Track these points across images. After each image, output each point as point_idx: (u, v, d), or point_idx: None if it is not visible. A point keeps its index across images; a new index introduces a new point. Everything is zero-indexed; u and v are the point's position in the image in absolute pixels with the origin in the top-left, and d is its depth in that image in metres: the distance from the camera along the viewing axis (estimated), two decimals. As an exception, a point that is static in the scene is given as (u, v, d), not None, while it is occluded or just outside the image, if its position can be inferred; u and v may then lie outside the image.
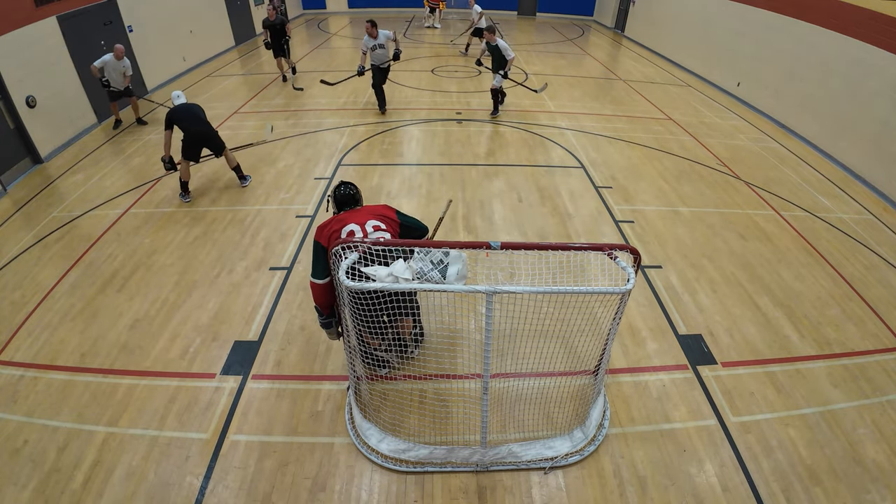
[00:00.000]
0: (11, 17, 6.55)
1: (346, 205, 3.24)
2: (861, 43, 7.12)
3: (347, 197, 3.24)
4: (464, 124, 8.28)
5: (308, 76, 11.07)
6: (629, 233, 5.48)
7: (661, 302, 4.46)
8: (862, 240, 5.57)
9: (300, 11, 19.66)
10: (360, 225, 3.03)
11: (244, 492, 2.86)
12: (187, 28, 11.32)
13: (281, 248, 5.06)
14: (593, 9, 19.86)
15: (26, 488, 2.85)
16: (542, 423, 3.27)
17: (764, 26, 9.44)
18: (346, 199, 3.24)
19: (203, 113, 5.85)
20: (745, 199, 6.30)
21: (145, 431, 3.19)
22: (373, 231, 3.02)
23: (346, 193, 3.25)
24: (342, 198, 3.25)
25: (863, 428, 3.35)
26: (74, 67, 7.66)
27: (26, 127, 6.67)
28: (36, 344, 3.88)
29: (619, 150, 7.64)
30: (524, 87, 9.53)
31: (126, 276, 4.62)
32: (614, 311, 2.81)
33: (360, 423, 3.19)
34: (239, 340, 3.93)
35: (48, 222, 5.50)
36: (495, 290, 2.35)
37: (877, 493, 2.94)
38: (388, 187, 6.26)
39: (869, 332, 4.22)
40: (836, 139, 7.57)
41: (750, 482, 2.98)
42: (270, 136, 7.06)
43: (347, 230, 3.01)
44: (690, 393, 3.57)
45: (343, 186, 3.28)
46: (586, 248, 2.57)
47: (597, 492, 2.92)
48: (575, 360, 3.70)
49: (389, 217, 3.17)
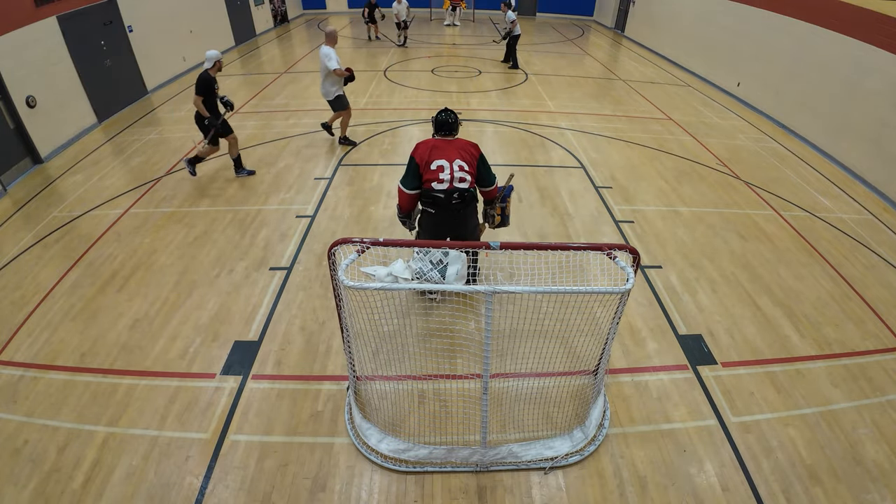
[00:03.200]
0: (11, 17, 6.55)
1: (441, 130, 3.69)
2: (861, 43, 7.12)
3: (444, 123, 3.68)
4: (464, 124, 8.25)
5: (309, 76, 11.07)
6: (629, 233, 5.48)
7: (660, 302, 4.46)
8: (862, 240, 5.57)
9: (300, 11, 19.67)
10: (448, 162, 3.54)
11: (244, 492, 2.86)
12: (187, 28, 11.32)
13: (281, 248, 5.06)
14: (593, 9, 19.87)
15: (26, 488, 2.85)
16: (541, 423, 3.27)
17: (764, 26, 9.44)
18: (442, 124, 3.68)
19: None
20: (745, 199, 6.30)
21: (145, 431, 3.19)
22: (458, 171, 3.54)
23: (444, 119, 3.69)
24: (439, 122, 3.69)
25: (863, 428, 3.35)
26: (74, 67, 7.66)
27: (26, 127, 6.67)
28: (36, 344, 3.88)
29: (619, 150, 7.64)
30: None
31: (126, 276, 4.62)
32: (614, 311, 2.80)
33: (359, 423, 3.19)
34: (239, 340, 3.93)
35: (48, 222, 5.50)
36: (495, 290, 2.35)
37: (877, 493, 2.94)
38: (388, 187, 6.26)
39: (869, 332, 4.22)
40: (836, 139, 7.56)
41: (750, 482, 2.98)
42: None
43: (437, 164, 3.53)
44: (690, 393, 3.57)
45: (444, 112, 3.72)
46: (586, 248, 2.57)
47: (597, 492, 2.92)
48: (575, 360, 3.70)
49: (473, 155, 3.62)
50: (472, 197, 3.68)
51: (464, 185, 3.60)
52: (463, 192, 3.61)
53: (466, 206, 3.69)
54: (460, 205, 3.65)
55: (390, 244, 2.55)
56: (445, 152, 3.57)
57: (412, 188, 3.65)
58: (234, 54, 13.18)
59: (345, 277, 2.43)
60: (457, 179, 3.58)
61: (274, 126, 8.20)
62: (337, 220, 5.55)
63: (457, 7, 17.94)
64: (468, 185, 3.62)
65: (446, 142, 3.65)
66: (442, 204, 3.63)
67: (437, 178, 3.56)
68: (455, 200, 3.61)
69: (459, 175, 3.56)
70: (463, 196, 3.62)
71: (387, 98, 9.71)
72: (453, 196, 3.59)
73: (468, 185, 3.62)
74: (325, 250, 3.65)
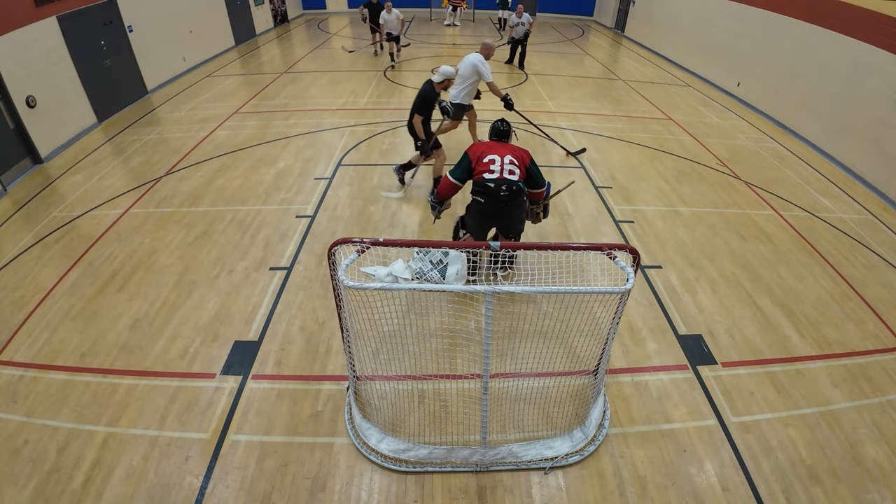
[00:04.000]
0: (11, 17, 6.55)
1: (496, 135, 4.15)
2: (861, 43, 7.12)
3: (498, 130, 4.16)
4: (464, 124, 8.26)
5: (309, 76, 11.08)
6: (629, 233, 5.48)
7: (660, 302, 4.46)
8: (862, 240, 5.57)
9: (300, 11, 19.66)
10: (500, 157, 3.85)
11: (244, 492, 2.86)
12: (187, 28, 11.32)
13: (281, 248, 5.06)
14: (593, 9, 19.86)
15: (26, 488, 2.85)
16: (541, 423, 3.27)
17: (764, 26, 9.44)
18: (496, 131, 4.16)
19: None
20: (745, 199, 6.30)
21: (145, 431, 3.19)
22: (508, 164, 3.82)
23: (498, 127, 4.16)
24: (494, 129, 4.17)
25: (863, 428, 3.35)
26: (74, 67, 7.67)
27: (26, 127, 6.67)
28: (36, 344, 3.88)
29: (619, 150, 7.64)
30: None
31: (126, 276, 4.62)
32: (614, 311, 2.80)
33: (359, 423, 3.19)
34: (239, 340, 3.93)
35: (48, 222, 5.50)
36: (495, 290, 2.35)
37: (877, 493, 2.94)
38: (388, 187, 6.26)
39: (869, 332, 4.22)
40: (836, 139, 7.56)
41: (750, 482, 2.98)
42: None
43: (489, 158, 3.86)
44: (690, 393, 3.57)
45: (499, 121, 4.20)
46: (586, 248, 2.57)
47: (597, 492, 2.92)
48: (575, 360, 3.70)
49: (524, 160, 3.92)
50: (520, 191, 3.88)
51: (513, 178, 3.83)
52: (511, 185, 3.81)
53: (513, 198, 3.88)
54: (507, 197, 3.84)
55: (390, 244, 2.55)
56: (498, 150, 3.92)
57: (456, 178, 4.00)
58: (234, 54, 13.18)
59: (345, 277, 2.43)
60: (507, 171, 3.83)
61: (274, 126, 8.20)
62: (337, 220, 5.55)
63: (457, 7, 17.97)
64: (517, 177, 3.83)
65: (500, 143, 4.05)
66: (491, 193, 3.84)
67: (487, 169, 3.85)
68: (503, 192, 3.82)
69: (509, 168, 3.83)
70: (511, 188, 3.82)
71: (387, 98, 9.71)
72: (502, 187, 3.81)
73: (517, 177, 3.83)
74: (325, 250, 3.65)
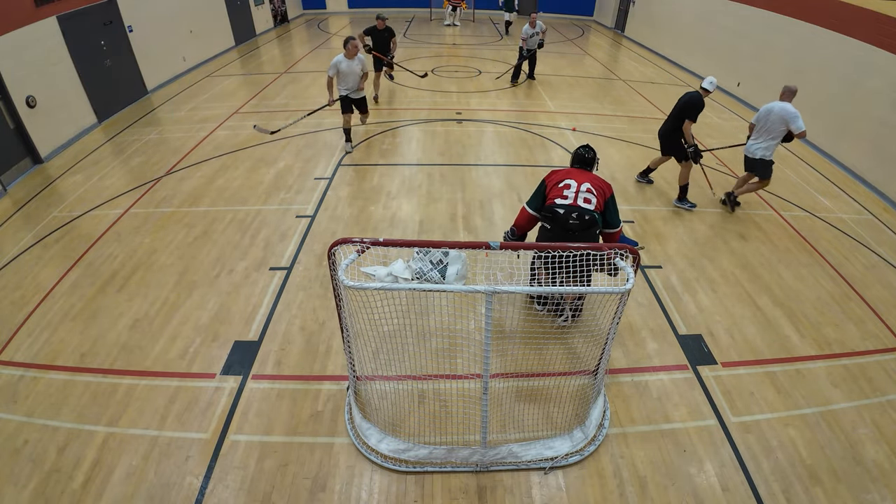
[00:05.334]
0: (11, 17, 6.55)
1: (577, 162, 3.82)
2: (861, 43, 7.12)
3: (581, 157, 3.82)
4: (464, 124, 8.28)
5: (309, 76, 11.08)
6: (629, 233, 5.47)
7: (661, 302, 4.46)
8: (862, 240, 5.57)
9: (300, 11, 19.66)
10: (577, 182, 3.55)
11: (244, 492, 2.86)
12: (187, 28, 11.32)
13: (281, 248, 5.06)
14: (593, 9, 19.87)
15: (26, 488, 2.85)
16: (541, 423, 3.27)
17: (764, 26, 9.44)
18: (579, 158, 3.82)
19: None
20: (744, 199, 6.29)
21: (145, 431, 3.19)
22: (584, 192, 3.51)
23: (582, 154, 3.83)
24: (577, 156, 3.84)
25: (863, 428, 3.35)
26: (74, 67, 7.66)
27: (26, 127, 6.67)
28: (36, 344, 3.88)
29: (619, 149, 7.64)
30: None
31: (126, 276, 4.62)
32: (614, 311, 2.80)
33: (359, 423, 3.19)
34: (239, 340, 3.93)
35: (48, 222, 5.50)
36: (495, 290, 2.35)
37: (877, 493, 2.94)
38: (388, 187, 6.26)
39: (869, 332, 4.22)
40: (836, 139, 7.56)
41: (750, 482, 2.98)
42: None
43: (565, 183, 3.57)
44: (690, 393, 3.57)
45: (583, 148, 3.86)
46: (586, 248, 2.57)
47: (597, 492, 2.92)
48: (575, 360, 3.70)
49: (605, 191, 3.59)
50: (593, 222, 3.48)
51: (588, 206, 3.47)
52: (583, 214, 3.46)
53: (584, 229, 3.48)
54: (577, 226, 3.46)
55: (390, 244, 2.55)
56: (576, 176, 3.61)
57: (534, 208, 3.69)
58: (234, 54, 13.18)
59: (345, 277, 2.43)
60: (581, 199, 3.48)
61: (274, 126, 8.19)
62: (337, 220, 5.55)
63: (457, 7, 17.95)
64: (593, 207, 3.49)
65: (580, 171, 3.72)
66: (560, 220, 3.48)
67: (561, 194, 3.53)
68: (573, 220, 3.45)
69: (585, 196, 3.49)
70: (583, 217, 3.45)
71: (387, 98, 9.71)
72: (572, 214, 3.45)
73: (593, 207, 3.49)
74: (325, 250, 3.65)
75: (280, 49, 14.09)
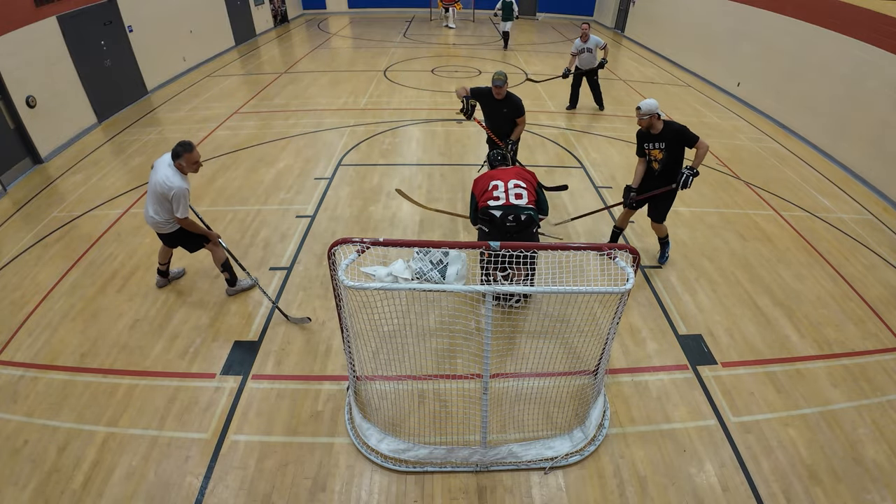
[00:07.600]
0: (11, 17, 6.55)
1: (497, 163, 4.03)
2: (861, 43, 7.12)
3: (497, 159, 4.07)
4: (464, 124, 8.26)
5: (309, 76, 11.08)
6: (629, 233, 5.48)
7: (661, 302, 4.46)
8: (862, 240, 5.57)
9: (300, 11, 19.67)
10: (503, 181, 3.66)
11: (244, 492, 2.86)
12: (187, 28, 11.32)
13: (281, 248, 5.06)
14: (593, 9, 19.86)
15: (26, 488, 2.85)
16: (541, 423, 3.27)
17: (764, 26, 9.44)
18: (496, 159, 4.07)
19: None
20: (745, 199, 6.30)
21: (145, 431, 3.19)
22: (514, 188, 3.61)
23: (495, 157, 4.11)
24: (493, 159, 4.09)
25: (863, 428, 3.35)
26: (74, 67, 7.66)
27: (26, 127, 6.67)
28: (36, 344, 3.88)
29: (619, 150, 7.64)
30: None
31: (126, 276, 4.62)
32: (614, 311, 2.80)
33: (359, 423, 3.19)
34: (239, 340, 3.93)
35: (48, 222, 5.50)
36: (495, 290, 2.35)
37: (877, 493, 2.94)
38: (388, 187, 6.26)
39: (869, 332, 4.22)
40: (836, 139, 7.56)
41: (750, 482, 2.98)
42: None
43: (493, 184, 3.66)
44: (690, 393, 3.57)
45: (494, 152, 4.17)
46: (586, 248, 2.57)
47: (597, 492, 2.92)
48: (575, 360, 3.71)
49: (531, 181, 3.76)
50: (530, 222, 3.51)
51: (521, 202, 3.51)
52: (520, 213, 3.49)
53: (521, 230, 3.50)
54: (514, 228, 3.49)
55: (390, 244, 2.55)
56: (501, 175, 3.71)
57: (476, 223, 3.86)
58: (234, 54, 13.18)
59: (345, 277, 2.43)
60: (513, 196, 3.54)
61: (274, 126, 8.20)
62: (337, 220, 5.55)
63: (449, 8, 17.55)
64: (526, 201, 3.51)
65: (502, 170, 3.86)
66: (497, 224, 3.53)
67: (492, 196, 3.60)
68: (510, 223, 3.47)
69: (515, 192, 3.55)
70: (519, 219, 3.48)
71: (387, 98, 9.71)
72: (508, 217, 3.49)
73: (526, 201, 3.51)
74: (325, 250, 3.65)
75: (280, 49, 14.09)
